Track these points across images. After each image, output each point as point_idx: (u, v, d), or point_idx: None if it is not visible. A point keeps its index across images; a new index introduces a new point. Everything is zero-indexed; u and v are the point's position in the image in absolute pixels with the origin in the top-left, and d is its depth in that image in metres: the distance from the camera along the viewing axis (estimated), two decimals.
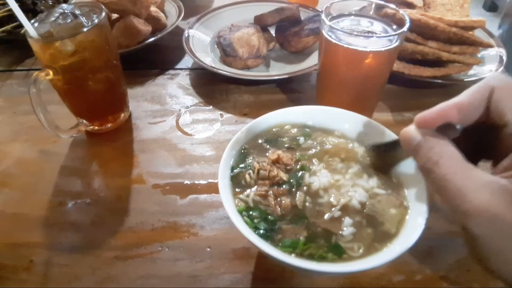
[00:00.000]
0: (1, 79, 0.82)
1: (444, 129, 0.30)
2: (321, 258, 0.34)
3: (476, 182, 0.26)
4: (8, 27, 0.89)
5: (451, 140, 0.29)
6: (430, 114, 0.31)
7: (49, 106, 0.56)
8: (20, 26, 0.88)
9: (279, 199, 0.38)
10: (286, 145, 0.44)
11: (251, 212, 0.37)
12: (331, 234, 0.36)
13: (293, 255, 0.34)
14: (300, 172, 0.40)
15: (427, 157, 0.29)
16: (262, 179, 0.40)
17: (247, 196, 0.38)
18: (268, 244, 0.34)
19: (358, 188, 0.38)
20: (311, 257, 0.34)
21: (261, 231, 0.36)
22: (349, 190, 0.38)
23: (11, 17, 0.91)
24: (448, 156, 0.28)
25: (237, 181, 0.40)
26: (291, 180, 0.40)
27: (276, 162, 0.41)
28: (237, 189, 0.39)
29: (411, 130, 0.31)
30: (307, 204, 0.38)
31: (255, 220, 0.36)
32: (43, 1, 0.96)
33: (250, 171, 0.40)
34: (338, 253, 0.34)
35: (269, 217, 0.37)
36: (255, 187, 0.39)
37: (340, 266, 0.33)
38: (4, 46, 0.91)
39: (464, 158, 0.28)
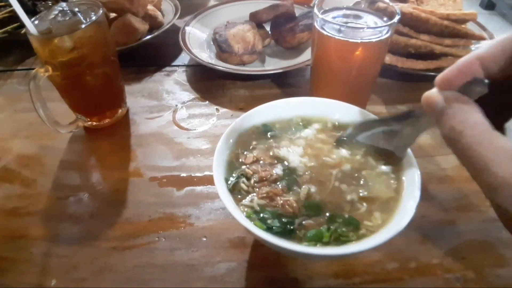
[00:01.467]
0: (2, 78, 0.83)
1: (470, 87, 0.27)
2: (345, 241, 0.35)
3: (502, 153, 0.24)
4: (8, 28, 0.91)
5: (479, 99, 0.27)
6: (452, 71, 0.28)
7: (48, 103, 0.57)
8: (21, 27, 0.89)
9: (284, 197, 0.39)
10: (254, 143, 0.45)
11: (261, 215, 0.37)
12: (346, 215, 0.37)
13: (318, 245, 0.35)
14: (283, 163, 0.42)
15: (450, 126, 0.26)
16: (258, 182, 0.40)
17: (251, 201, 0.39)
18: (287, 241, 0.35)
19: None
20: (337, 241, 0.35)
21: (278, 230, 0.36)
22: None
23: (12, 18, 0.92)
24: (471, 125, 0.26)
25: (235, 191, 0.40)
26: (286, 172, 0.41)
27: (256, 162, 0.42)
28: (238, 196, 0.39)
29: (433, 93, 0.28)
30: (312, 190, 0.39)
31: (268, 221, 0.37)
32: (43, 2, 0.97)
33: (244, 178, 0.41)
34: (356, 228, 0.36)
35: (283, 217, 0.37)
36: (256, 190, 0.40)
37: (334, 249, 0.34)
38: (5, 46, 0.92)
39: (489, 124, 0.26)
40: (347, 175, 0.40)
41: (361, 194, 0.39)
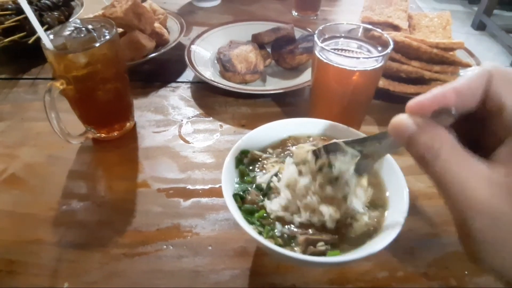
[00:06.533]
0: (8, 86, 0.86)
1: (438, 115, 0.28)
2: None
3: (478, 175, 0.25)
4: (15, 37, 0.93)
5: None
6: (427, 98, 0.28)
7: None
8: (27, 36, 0.92)
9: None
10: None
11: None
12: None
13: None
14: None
15: (426, 147, 0.27)
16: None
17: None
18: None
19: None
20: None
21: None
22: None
23: (18, 27, 0.95)
24: (448, 147, 0.26)
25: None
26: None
27: None
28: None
29: (403, 118, 0.29)
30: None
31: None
32: (49, 13, 1.01)
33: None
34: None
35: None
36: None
37: (330, 258, 0.38)
38: (11, 54, 0.94)
39: (462, 146, 0.26)
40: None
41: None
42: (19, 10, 0.96)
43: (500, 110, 0.27)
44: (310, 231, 0.41)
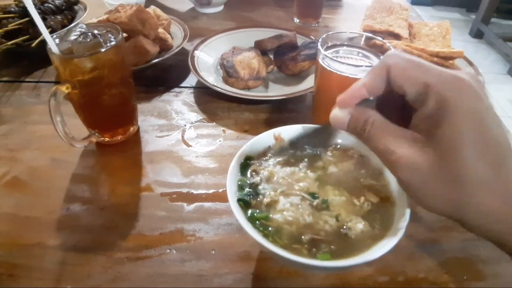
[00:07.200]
0: (10, 89, 0.86)
1: (362, 103, 0.36)
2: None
3: (399, 137, 0.33)
4: (18, 40, 0.93)
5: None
6: (347, 94, 0.37)
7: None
8: (30, 39, 0.93)
9: None
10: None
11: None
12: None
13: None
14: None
15: (362, 121, 0.35)
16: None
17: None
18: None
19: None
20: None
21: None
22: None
23: (21, 30, 0.96)
24: (375, 119, 0.34)
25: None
26: None
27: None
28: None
29: (338, 112, 0.38)
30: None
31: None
32: (53, 17, 1.02)
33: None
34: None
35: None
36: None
37: (333, 262, 0.39)
38: (13, 57, 0.95)
39: (385, 119, 0.34)
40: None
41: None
42: (22, 13, 0.97)
43: (403, 92, 0.34)
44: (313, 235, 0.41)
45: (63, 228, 0.55)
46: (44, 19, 1.00)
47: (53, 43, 0.59)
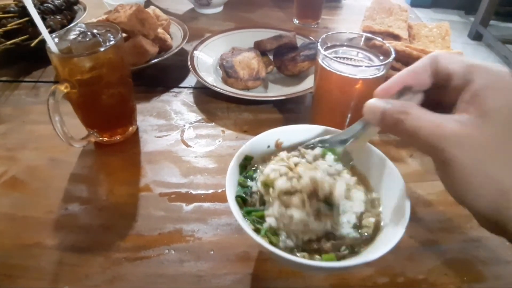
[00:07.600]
0: (9, 88, 0.86)
1: (401, 95, 0.35)
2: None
3: (445, 117, 0.31)
4: (17, 39, 0.93)
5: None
6: (390, 82, 0.36)
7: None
8: (29, 39, 0.92)
9: None
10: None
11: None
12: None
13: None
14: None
15: (399, 111, 0.32)
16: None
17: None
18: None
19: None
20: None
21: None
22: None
23: (20, 29, 0.96)
24: (416, 107, 0.32)
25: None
26: None
27: None
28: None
29: (375, 100, 0.35)
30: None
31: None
32: (52, 17, 1.01)
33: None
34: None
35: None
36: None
37: (332, 263, 0.38)
38: (12, 57, 0.95)
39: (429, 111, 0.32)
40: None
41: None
42: (22, 13, 0.97)
43: (450, 77, 0.34)
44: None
45: (61, 228, 0.54)
46: (43, 19, 0.99)
47: (52, 43, 0.58)
